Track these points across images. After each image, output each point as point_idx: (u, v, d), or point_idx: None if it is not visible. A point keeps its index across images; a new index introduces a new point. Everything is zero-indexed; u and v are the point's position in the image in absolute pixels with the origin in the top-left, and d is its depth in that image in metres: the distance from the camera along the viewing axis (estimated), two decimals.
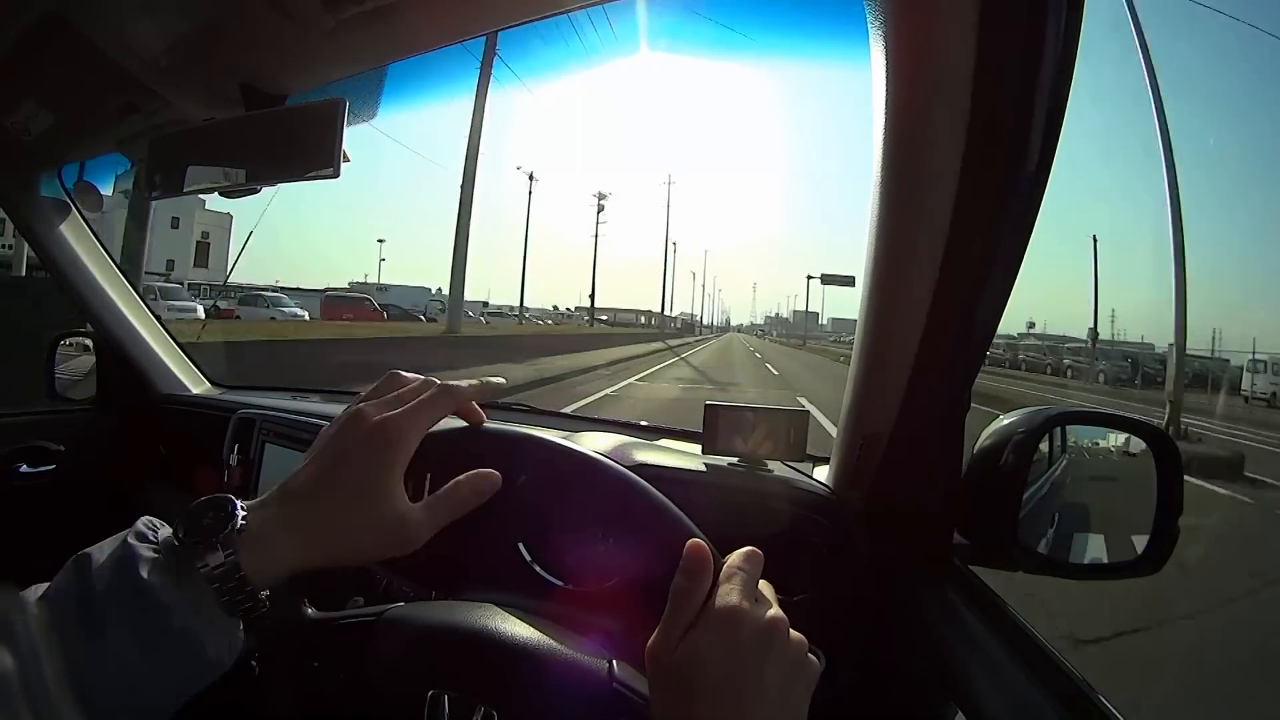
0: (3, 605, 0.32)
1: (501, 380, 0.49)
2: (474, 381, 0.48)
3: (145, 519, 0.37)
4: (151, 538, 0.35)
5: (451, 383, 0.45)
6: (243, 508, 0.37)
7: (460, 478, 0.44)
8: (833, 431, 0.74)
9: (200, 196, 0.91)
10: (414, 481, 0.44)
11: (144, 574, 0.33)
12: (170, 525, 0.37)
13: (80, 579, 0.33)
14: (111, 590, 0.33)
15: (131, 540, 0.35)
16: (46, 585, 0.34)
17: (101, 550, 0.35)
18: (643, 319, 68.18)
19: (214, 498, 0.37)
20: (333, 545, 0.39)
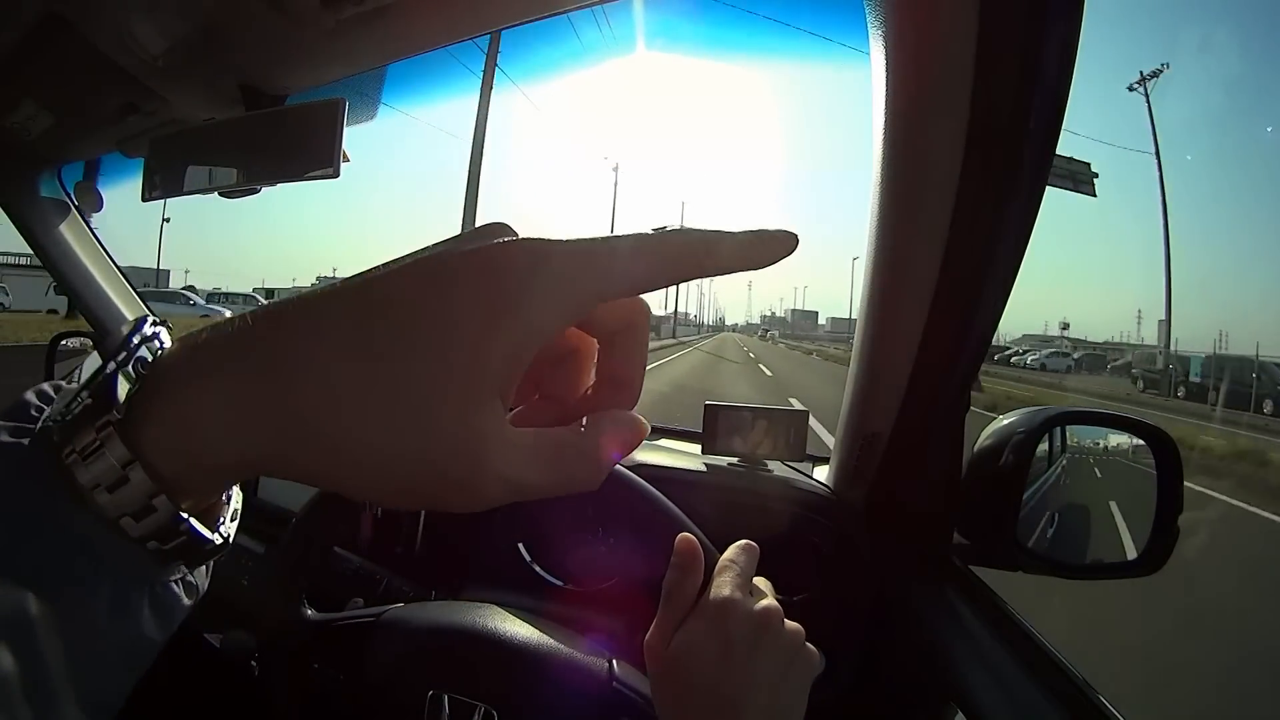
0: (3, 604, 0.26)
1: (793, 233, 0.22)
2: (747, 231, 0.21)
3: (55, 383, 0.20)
4: (36, 407, 0.19)
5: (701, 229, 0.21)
6: (164, 330, 0.20)
7: (599, 420, 0.21)
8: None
9: None
10: None
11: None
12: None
13: None
14: None
15: (2, 420, 0.18)
16: None
17: None
18: None
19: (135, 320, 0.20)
20: (332, 459, 0.18)
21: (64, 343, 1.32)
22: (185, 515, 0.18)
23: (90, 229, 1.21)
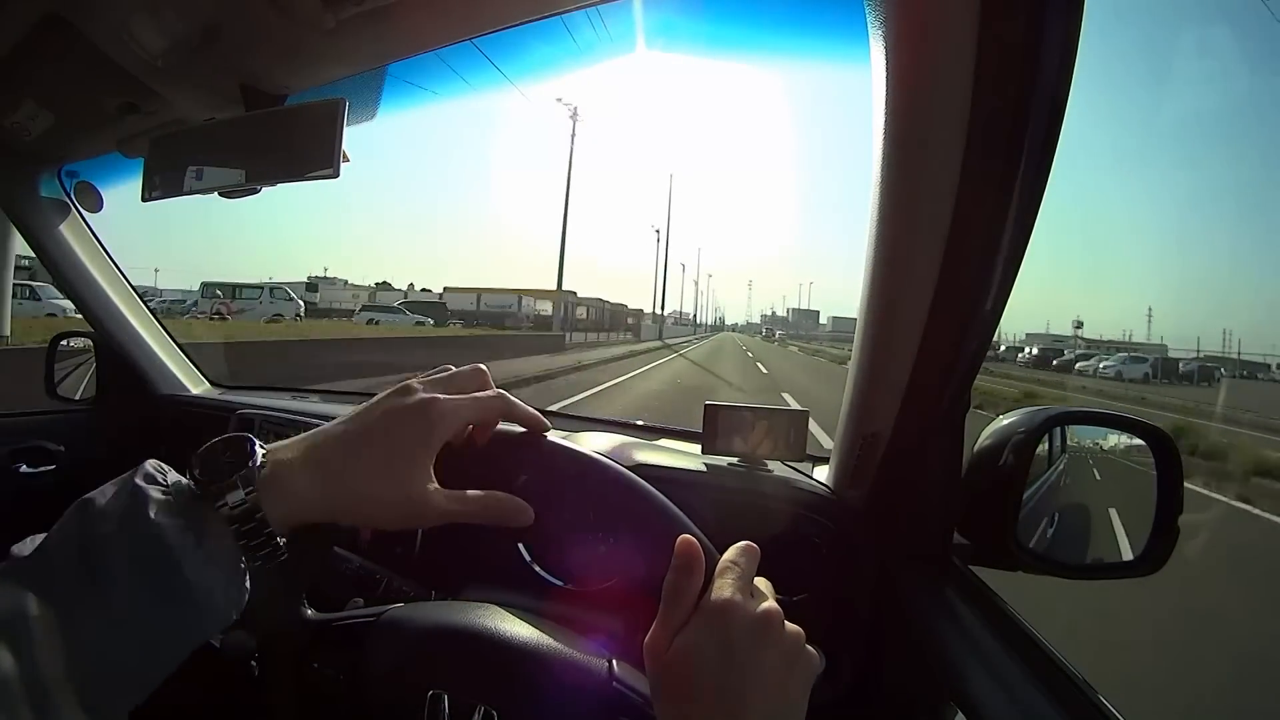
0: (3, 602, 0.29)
1: (547, 425, 0.52)
2: (533, 410, 0.49)
3: (152, 461, 0.34)
4: (160, 479, 0.33)
5: (509, 397, 0.47)
6: (262, 447, 0.36)
7: (499, 493, 0.45)
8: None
9: None
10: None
11: (152, 515, 0.31)
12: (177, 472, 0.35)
13: (82, 525, 0.31)
14: (116, 535, 0.31)
15: (139, 481, 0.32)
16: (44, 535, 0.32)
17: (104, 494, 0.32)
18: (527, 307, 37.21)
19: (230, 437, 0.36)
20: (352, 500, 0.38)
21: (64, 342, 1.32)
22: (275, 538, 0.36)
23: (90, 229, 1.21)
